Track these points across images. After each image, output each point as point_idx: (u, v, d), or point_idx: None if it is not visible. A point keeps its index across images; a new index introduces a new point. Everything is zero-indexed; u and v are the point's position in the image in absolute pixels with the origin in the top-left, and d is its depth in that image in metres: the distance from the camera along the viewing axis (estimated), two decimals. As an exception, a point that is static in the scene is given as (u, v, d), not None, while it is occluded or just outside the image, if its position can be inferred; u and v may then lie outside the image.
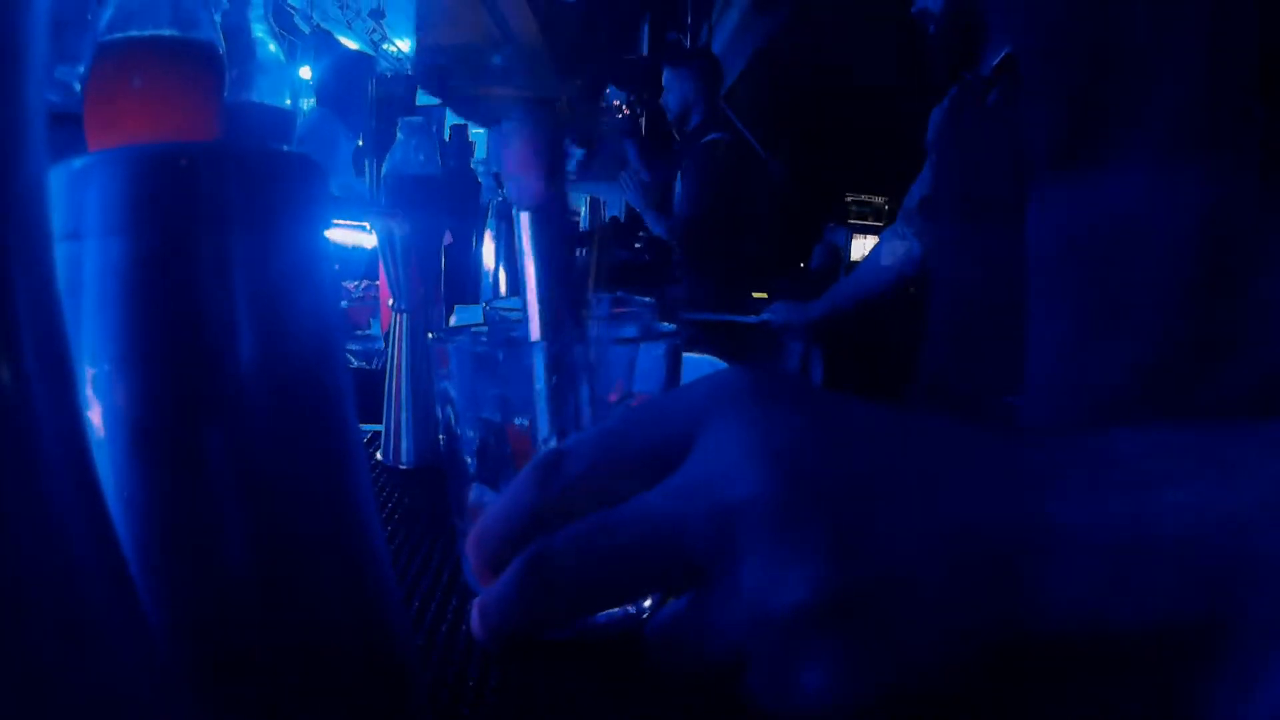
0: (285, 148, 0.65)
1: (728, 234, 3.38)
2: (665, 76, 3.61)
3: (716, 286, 3.27)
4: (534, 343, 0.57)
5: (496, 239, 1.67)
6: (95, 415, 0.37)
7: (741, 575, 0.44)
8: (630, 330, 0.61)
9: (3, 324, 0.23)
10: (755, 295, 3.35)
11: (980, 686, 0.44)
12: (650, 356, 0.55)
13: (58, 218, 0.29)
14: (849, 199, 4.86)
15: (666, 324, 0.66)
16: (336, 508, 0.42)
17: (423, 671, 0.52)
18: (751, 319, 2.88)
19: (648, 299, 1.00)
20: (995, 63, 0.80)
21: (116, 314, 0.38)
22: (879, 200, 4.85)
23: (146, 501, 0.37)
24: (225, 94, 0.54)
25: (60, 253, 0.27)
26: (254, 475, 0.39)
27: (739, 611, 0.43)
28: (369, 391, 1.19)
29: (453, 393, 0.54)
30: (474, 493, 0.54)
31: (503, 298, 1.52)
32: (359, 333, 1.71)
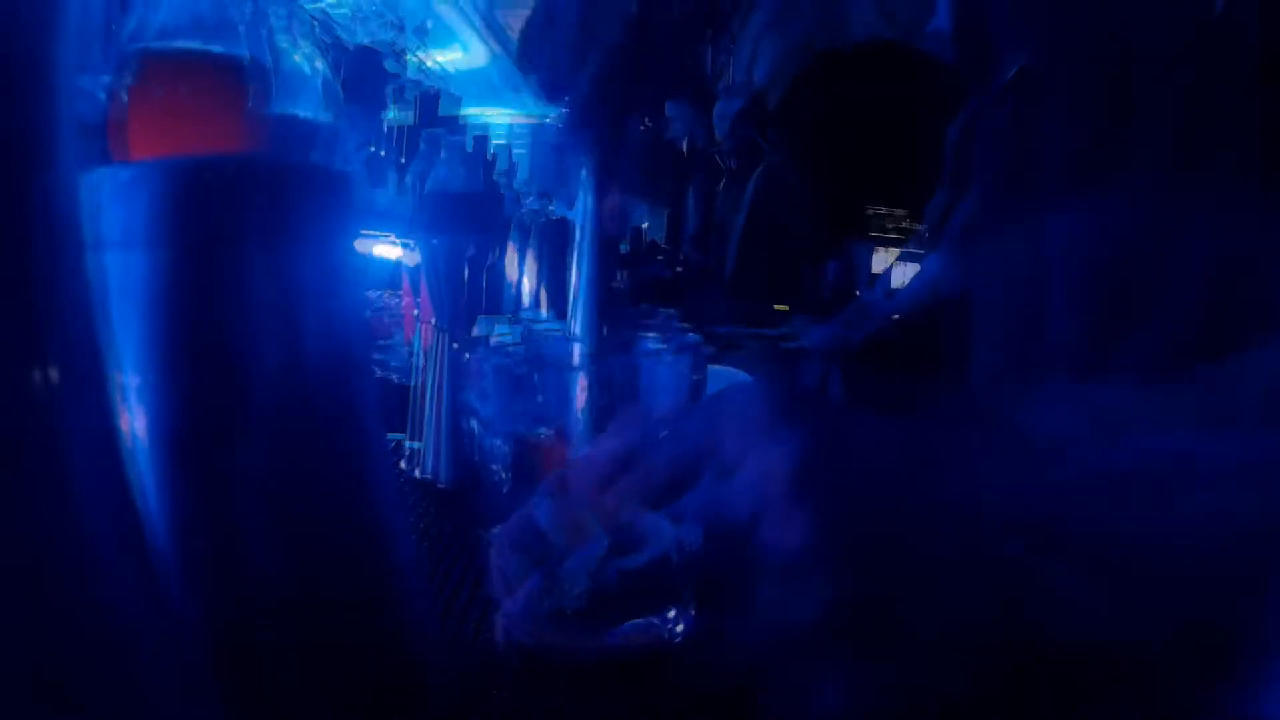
0: (317, 162, 0.65)
1: (742, 250, 3.41)
2: (669, 109, 3.69)
3: (729, 300, 3.29)
4: (579, 358, 0.57)
5: (519, 252, 1.67)
6: (129, 422, 0.37)
7: (758, 594, 0.44)
8: (657, 343, 0.61)
9: (34, 330, 0.23)
10: (776, 308, 3.36)
11: (991, 697, 0.44)
12: (677, 373, 0.55)
13: (93, 228, 0.29)
14: (870, 212, 4.86)
15: (694, 336, 0.66)
16: (362, 514, 0.42)
17: (448, 685, 0.51)
18: (772, 332, 2.89)
19: (672, 310, 1.01)
20: (1007, 79, 0.79)
21: (150, 324, 0.38)
22: (900, 214, 4.83)
23: (175, 507, 0.37)
24: (259, 107, 0.54)
25: (98, 263, 0.27)
26: (283, 484, 0.39)
27: (756, 631, 0.44)
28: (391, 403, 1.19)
29: (482, 406, 0.54)
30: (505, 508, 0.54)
31: (527, 309, 1.52)
32: (381, 343, 1.71)
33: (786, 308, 3.23)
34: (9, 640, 0.21)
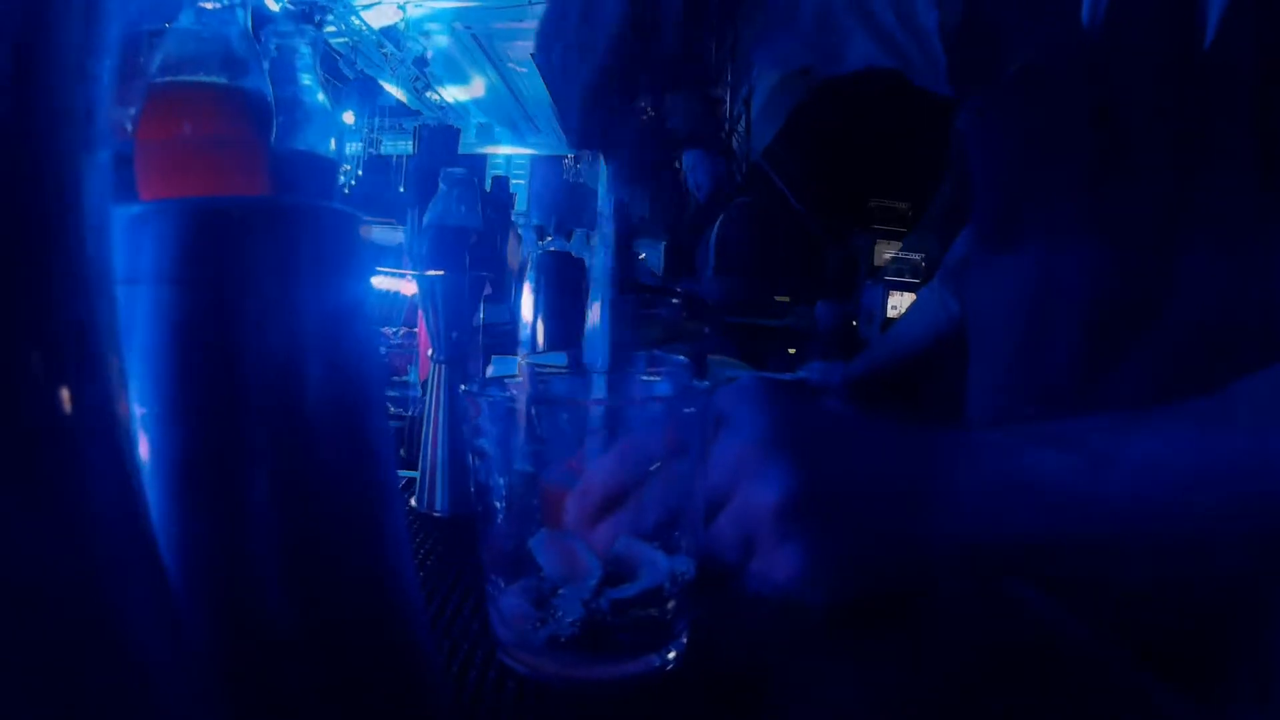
0: (329, 200, 0.66)
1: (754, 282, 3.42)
2: (689, 159, 3.66)
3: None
4: (577, 393, 0.58)
5: (535, 291, 1.67)
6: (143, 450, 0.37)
7: (774, 583, 0.45)
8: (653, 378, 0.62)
9: (33, 311, 0.23)
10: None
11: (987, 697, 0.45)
12: (671, 408, 0.56)
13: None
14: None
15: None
16: (371, 544, 0.43)
17: (449, 710, 0.52)
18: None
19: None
20: (1012, 71, 0.80)
21: (164, 358, 0.39)
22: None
23: (184, 537, 0.38)
24: (273, 142, 0.55)
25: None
26: (293, 516, 0.40)
27: (774, 614, 0.46)
28: (405, 439, 1.20)
29: (484, 445, 0.54)
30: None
31: (540, 352, 1.52)
32: (396, 379, 1.72)
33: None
34: (14, 657, 0.21)
